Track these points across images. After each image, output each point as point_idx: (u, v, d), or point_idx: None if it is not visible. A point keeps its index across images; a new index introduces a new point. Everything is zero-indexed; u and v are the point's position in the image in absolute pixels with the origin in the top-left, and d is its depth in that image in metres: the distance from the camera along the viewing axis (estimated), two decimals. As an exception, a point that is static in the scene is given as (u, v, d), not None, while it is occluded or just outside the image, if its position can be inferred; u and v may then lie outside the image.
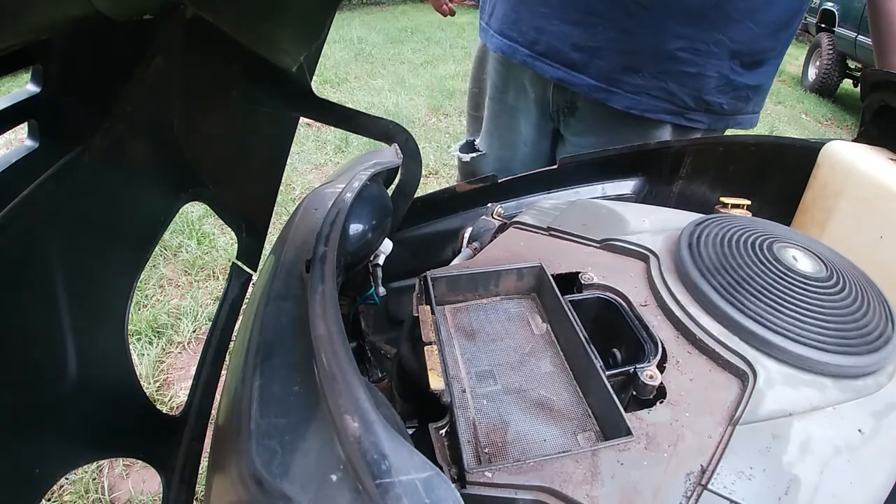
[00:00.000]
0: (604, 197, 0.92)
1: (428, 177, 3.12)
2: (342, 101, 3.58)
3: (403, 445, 0.30)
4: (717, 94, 0.97)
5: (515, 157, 1.24)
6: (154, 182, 0.54)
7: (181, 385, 1.70)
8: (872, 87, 0.86)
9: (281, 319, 0.47)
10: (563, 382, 0.49)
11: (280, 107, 0.62)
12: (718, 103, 0.98)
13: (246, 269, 0.70)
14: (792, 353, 0.45)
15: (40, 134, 0.39)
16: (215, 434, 0.45)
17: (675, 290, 0.53)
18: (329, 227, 0.49)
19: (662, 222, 0.65)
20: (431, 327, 0.50)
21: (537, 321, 0.56)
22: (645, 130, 1.02)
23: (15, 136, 2.56)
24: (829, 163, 0.81)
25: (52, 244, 0.41)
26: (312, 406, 0.37)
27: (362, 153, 0.80)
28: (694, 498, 0.37)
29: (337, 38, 5.82)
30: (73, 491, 1.38)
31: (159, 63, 0.48)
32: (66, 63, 0.40)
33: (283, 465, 0.34)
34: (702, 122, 1.00)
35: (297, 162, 3.11)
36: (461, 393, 0.48)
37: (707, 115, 1.00)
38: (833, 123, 5.00)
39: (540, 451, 0.42)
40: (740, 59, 0.94)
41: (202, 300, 2.02)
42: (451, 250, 0.83)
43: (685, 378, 0.46)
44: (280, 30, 0.43)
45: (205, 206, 0.81)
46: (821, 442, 0.41)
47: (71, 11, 0.33)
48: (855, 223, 0.75)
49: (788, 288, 0.50)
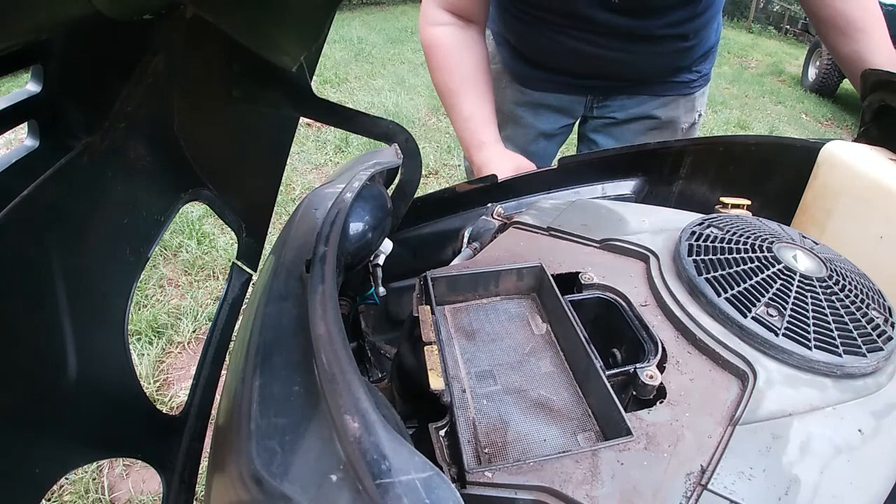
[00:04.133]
0: (604, 197, 0.92)
1: (428, 177, 3.12)
2: (342, 101, 3.58)
3: (403, 445, 0.30)
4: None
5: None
6: (154, 182, 0.54)
7: (181, 385, 1.70)
8: (872, 87, 0.86)
9: (281, 319, 0.47)
10: (563, 382, 0.49)
11: (280, 107, 0.62)
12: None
13: (246, 269, 0.70)
14: (792, 353, 0.45)
15: (40, 134, 0.39)
16: (215, 434, 0.45)
17: (675, 290, 0.53)
18: (329, 227, 0.49)
19: (662, 222, 0.65)
20: (431, 327, 0.50)
21: (537, 321, 0.56)
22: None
23: (15, 136, 2.56)
24: (829, 163, 0.81)
25: (52, 244, 0.41)
26: (312, 406, 0.37)
27: (362, 153, 0.80)
28: (694, 498, 0.37)
29: (337, 38, 5.82)
30: (73, 491, 1.38)
31: (159, 63, 0.48)
32: (66, 63, 0.40)
33: (283, 465, 0.34)
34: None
35: (297, 162, 3.11)
36: (461, 393, 0.48)
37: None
38: (833, 123, 5.00)
39: (540, 451, 0.42)
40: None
41: (202, 300, 2.02)
42: (451, 250, 0.83)
43: (685, 378, 0.46)
44: (280, 30, 0.43)
45: (205, 206, 0.81)
46: (821, 442, 0.41)
47: (71, 11, 0.33)
48: (855, 223, 0.75)
49: (788, 288, 0.51)
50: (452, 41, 1.05)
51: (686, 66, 1.16)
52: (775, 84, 6.10)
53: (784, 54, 7.73)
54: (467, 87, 1.04)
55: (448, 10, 1.04)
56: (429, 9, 1.06)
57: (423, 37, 1.08)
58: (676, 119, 1.22)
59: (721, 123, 4.44)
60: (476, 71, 1.06)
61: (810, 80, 5.89)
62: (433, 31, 1.06)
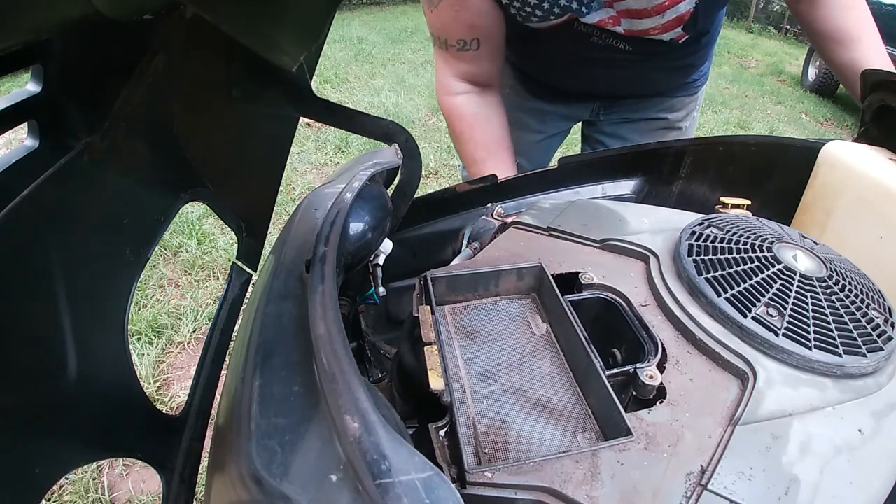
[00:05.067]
0: (604, 197, 0.92)
1: (428, 177, 3.12)
2: (342, 101, 3.58)
3: (403, 446, 0.30)
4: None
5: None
6: (154, 182, 0.54)
7: (181, 385, 1.70)
8: (872, 87, 0.86)
9: (281, 319, 0.47)
10: (563, 382, 0.49)
11: (280, 107, 0.62)
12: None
13: (246, 269, 0.70)
14: (792, 353, 0.45)
15: (40, 134, 0.39)
16: (215, 434, 0.45)
17: (675, 290, 0.53)
18: (329, 227, 0.49)
19: (662, 222, 0.65)
20: (431, 327, 0.50)
21: (537, 321, 0.56)
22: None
23: (15, 136, 2.56)
24: (829, 163, 0.80)
25: (52, 244, 0.41)
26: (312, 406, 0.37)
27: (362, 153, 0.80)
28: (694, 498, 0.37)
29: (337, 38, 5.82)
30: (73, 491, 1.38)
31: (159, 63, 0.48)
32: (66, 63, 0.40)
33: (283, 465, 0.34)
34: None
35: (297, 162, 3.11)
36: (461, 393, 0.48)
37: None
38: (833, 123, 5.00)
39: (540, 452, 0.42)
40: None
41: (202, 300, 2.02)
42: (451, 250, 0.83)
43: (685, 378, 0.46)
44: (280, 30, 0.43)
45: (205, 206, 0.81)
46: (821, 442, 0.40)
47: (71, 11, 0.33)
48: (855, 223, 0.75)
49: (788, 288, 0.50)
50: (474, 110, 1.05)
51: (692, 78, 1.19)
52: (775, 84, 6.10)
53: (784, 54, 7.72)
54: (492, 158, 1.05)
55: (464, 79, 1.04)
56: (444, 79, 1.05)
57: (442, 106, 1.08)
58: (682, 118, 1.24)
59: (721, 123, 4.43)
60: (499, 139, 1.07)
61: (810, 80, 5.88)
62: (452, 101, 1.05)
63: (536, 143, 1.30)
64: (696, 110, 1.28)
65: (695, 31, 0.98)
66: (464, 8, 0.92)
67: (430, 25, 1.00)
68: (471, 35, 0.96)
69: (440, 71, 1.05)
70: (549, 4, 0.91)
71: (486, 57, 1.00)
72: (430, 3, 0.94)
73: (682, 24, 0.95)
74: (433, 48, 1.05)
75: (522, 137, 1.28)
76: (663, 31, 0.96)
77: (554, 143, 1.36)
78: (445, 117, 1.09)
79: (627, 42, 0.99)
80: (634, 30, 0.96)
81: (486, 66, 1.02)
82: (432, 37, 1.02)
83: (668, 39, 0.98)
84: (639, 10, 0.92)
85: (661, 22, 0.93)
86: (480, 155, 1.03)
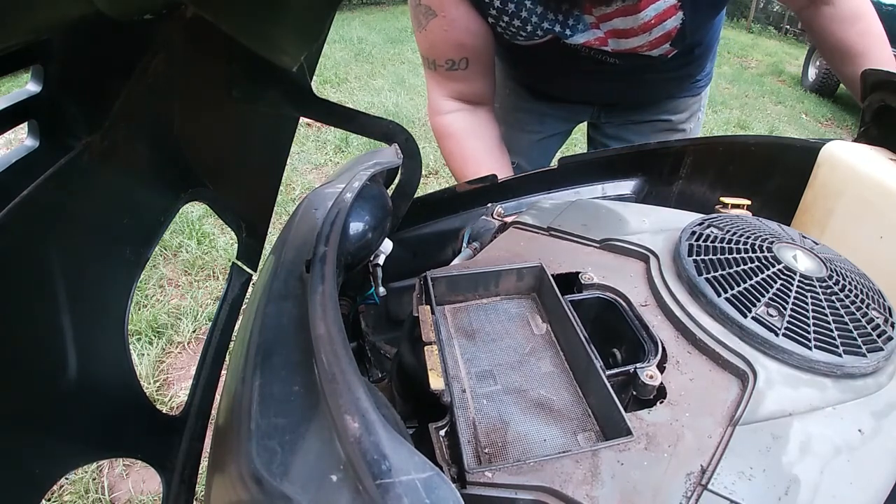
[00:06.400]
0: (604, 197, 0.92)
1: (428, 177, 3.12)
2: (342, 101, 3.58)
3: (404, 445, 0.30)
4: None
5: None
6: (154, 182, 0.54)
7: (181, 385, 1.70)
8: (872, 87, 0.86)
9: (281, 319, 0.47)
10: (563, 382, 0.49)
11: (280, 107, 0.62)
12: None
13: (246, 269, 0.70)
14: (792, 353, 0.45)
15: (40, 134, 0.39)
16: (215, 434, 0.45)
17: (675, 290, 0.53)
18: (329, 227, 0.49)
19: (662, 222, 0.65)
20: (431, 327, 0.50)
21: (537, 321, 0.56)
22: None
23: (15, 136, 2.56)
24: (829, 163, 0.80)
25: (52, 244, 0.41)
26: (312, 406, 0.37)
27: (362, 153, 0.80)
28: (694, 498, 0.37)
29: (337, 38, 5.82)
30: (73, 491, 1.38)
31: (159, 63, 0.48)
32: (66, 63, 0.40)
33: (283, 465, 0.34)
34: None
35: (297, 162, 3.11)
36: (461, 393, 0.48)
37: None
38: (833, 123, 5.00)
39: (540, 451, 0.42)
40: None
41: (202, 300, 2.02)
42: (451, 250, 0.83)
43: (685, 378, 0.46)
44: (280, 30, 0.43)
45: (205, 206, 0.81)
46: (821, 442, 0.40)
47: (71, 11, 0.33)
48: (855, 223, 0.75)
49: (788, 288, 0.50)
50: (465, 128, 1.04)
51: (693, 81, 1.19)
52: (775, 84, 6.10)
53: (784, 54, 7.73)
54: (483, 169, 1.02)
55: (454, 98, 1.03)
56: (435, 99, 1.04)
57: (433, 126, 1.07)
58: (685, 119, 1.24)
59: (721, 123, 4.44)
60: (490, 150, 1.06)
61: (810, 80, 5.88)
62: (442, 121, 1.05)
63: (535, 143, 1.30)
64: (700, 112, 1.27)
65: (683, 46, 0.97)
66: (451, 28, 0.92)
67: (419, 46, 0.99)
68: (459, 55, 0.96)
69: (432, 92, 1.05)
70: (532, 27, 0.91)
71: (476, 76, 1.00)
72: (419, 23, 0.94)
73: (670, 41, 0.94)
74: (423, 69, 1.04)
75: (521, 137, 1.27)
76: (651, 48, 0.95)
77: (554, 144, 1.35)
78: (437, 138, 1.08)
79: (617, 58, 0.99)
80: (622, 49, 0.96)
81: (476, 84, 1.01)
82: (422, 57, 1.01)
83: (657, 55, 0.98)
84: (625, 29, 0.91)
85: (649, 39, 0.93)
86: (471, 170, 1.01)
